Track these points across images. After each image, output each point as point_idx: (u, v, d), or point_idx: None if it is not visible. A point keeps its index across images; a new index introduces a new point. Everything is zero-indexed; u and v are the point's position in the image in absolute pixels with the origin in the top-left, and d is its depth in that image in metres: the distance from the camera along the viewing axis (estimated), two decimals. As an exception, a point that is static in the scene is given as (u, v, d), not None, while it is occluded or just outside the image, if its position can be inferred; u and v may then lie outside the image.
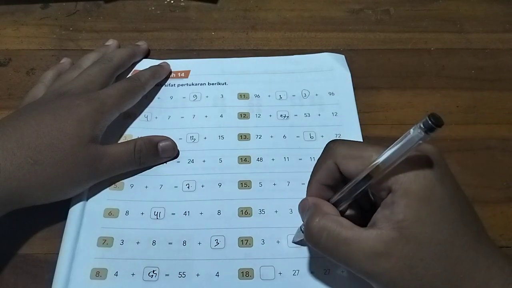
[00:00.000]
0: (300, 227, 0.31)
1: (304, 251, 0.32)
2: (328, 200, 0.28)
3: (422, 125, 0.22)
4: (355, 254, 0.25)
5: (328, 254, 0.26)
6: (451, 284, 0.24)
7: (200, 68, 0.43)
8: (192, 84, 0.42)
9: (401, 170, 0.24)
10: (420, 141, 0.23)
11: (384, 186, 0.25)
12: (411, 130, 0.23)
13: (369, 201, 0.29)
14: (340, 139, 0.29)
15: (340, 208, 0.28)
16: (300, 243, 0.33)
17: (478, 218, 0.26)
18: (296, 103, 0.41)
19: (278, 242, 0.33)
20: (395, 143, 0.24)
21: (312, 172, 0.29)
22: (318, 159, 0.29)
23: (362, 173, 0.25)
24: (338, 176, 0.28)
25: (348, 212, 0.28)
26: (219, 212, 0.34)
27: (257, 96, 0.41)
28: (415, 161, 0.24)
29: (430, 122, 0.22)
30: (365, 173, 0.25)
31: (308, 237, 0.27)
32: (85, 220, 0.34)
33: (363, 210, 0.29)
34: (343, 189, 0.27)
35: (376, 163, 0.25)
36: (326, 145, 0.29)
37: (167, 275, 0.31)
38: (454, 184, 0.25)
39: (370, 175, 0.25)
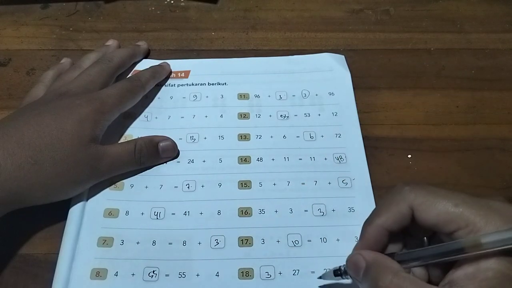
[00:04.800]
0: (340, 269, 0.28)
1: (304, 251, 0.32)
2: (383, 252, 0.26)
3: None
4: None
5: None
6: None
7: (200, 68, 0.43)
8: (192, 84, 0.42)
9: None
10: None
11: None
12: None
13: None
14: (415, 183, 0.26)
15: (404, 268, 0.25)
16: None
17: None
18: (296, 103, 0.41)
19: (278, 241, 0.33)
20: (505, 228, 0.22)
21: (375, 214, 0.26)
22: (385, 200, 0.26)
23: (456, 243, 0.23)
24: (407, 224, 0.25)
25: None
26: (219, 212, 0.34)
27: (257, 96, 0.41)
28: None
29: None
30: (459, 245, 0.22)
31: None
32: (85, 220, 0.34)
33: None
34: (420, 249, 0.24)
35: (477, 240, 0.22)
36: (398, 187, 0.26)
37: (167, 275, 0.31)
38: None
39: (464, 249, 0.22)
